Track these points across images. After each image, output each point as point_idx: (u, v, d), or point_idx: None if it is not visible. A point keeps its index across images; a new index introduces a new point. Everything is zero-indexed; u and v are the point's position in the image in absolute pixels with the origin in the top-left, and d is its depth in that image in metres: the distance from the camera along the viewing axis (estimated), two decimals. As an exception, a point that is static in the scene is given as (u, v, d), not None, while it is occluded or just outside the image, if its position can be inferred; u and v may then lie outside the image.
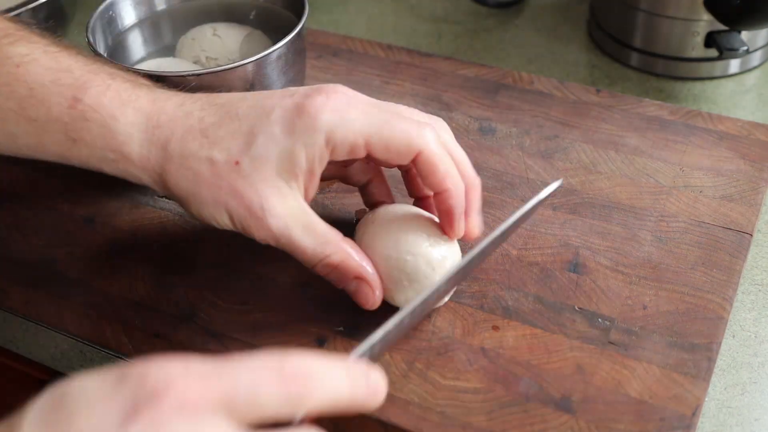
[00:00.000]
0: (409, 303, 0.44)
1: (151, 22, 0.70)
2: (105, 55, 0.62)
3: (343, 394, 0.35)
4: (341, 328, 0.51)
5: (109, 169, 0.49)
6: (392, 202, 0.54)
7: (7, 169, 0.65)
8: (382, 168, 0.54)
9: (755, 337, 0.53)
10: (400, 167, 0.51)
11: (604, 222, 0.57)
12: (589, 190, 0.59)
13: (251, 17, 0.70)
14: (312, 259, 0.47)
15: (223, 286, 0.54)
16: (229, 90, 0.57)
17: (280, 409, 0.33)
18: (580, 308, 0.51)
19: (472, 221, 0.50)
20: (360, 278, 0.48)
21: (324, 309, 0.52)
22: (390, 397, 0.47)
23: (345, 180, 0.54)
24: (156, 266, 0.56)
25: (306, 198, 0.48)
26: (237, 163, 0.46)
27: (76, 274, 0.56)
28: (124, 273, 0.56)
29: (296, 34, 0.61)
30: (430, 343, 0.50)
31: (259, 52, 0.59)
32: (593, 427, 0.45)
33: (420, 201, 0.53)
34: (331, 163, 0.48)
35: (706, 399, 0.49)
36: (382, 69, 0.72)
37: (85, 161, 0.49)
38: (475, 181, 0.50)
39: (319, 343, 0.50)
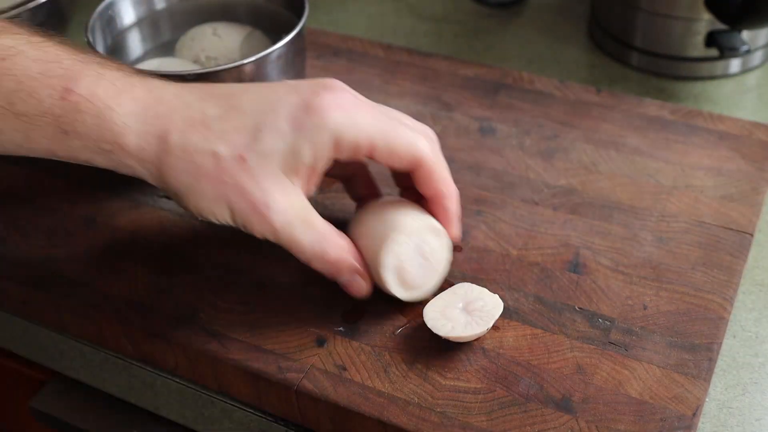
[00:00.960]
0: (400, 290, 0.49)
1: (150, 22, 0.70)
2: (105, 54, 0.62)
3: None
4: (341, 328, 0.51)
5: (101, 160, 0.48)
6: (378, 194, 0.55)
7: (7, 169, 0.65)
8: (365, 164, 0.55)
9: (756, 337, 0.53)
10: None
11: (604, 222, 0.57)
12: (589, 190, 0.59)
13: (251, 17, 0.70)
14: (310, 255, 0.48)
15: (223, 286, 0.54)
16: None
17: None
18: (580, 308, 0.51)
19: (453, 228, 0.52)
20: (354, 272, 0.49)
21: (324, 309, 0.52)
22: (390, 397, 0.47)
23: (328, 173, 0.53)
24: (156, 266, 0.56)
25: (306, 193, 0.48)
26: (242, 158, 0.46)
27: (76, 274, 0.56)
28: (124, 273, 0.55)
29: (296, 34, 0.61)
30: (430, 343, 0.50)
31: (259, 52, 0.59)
32: (593, 427, 0.45)
33: (407, 190, 0.54)
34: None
35: (707, 399, 0.49)
36: (382, 69, 0.72)
37: (76, 154, 0.47)
38: (456, 190, 0.52)
39: (319, 343, 0.50)
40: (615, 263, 0.54)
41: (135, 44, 0.69)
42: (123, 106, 0.46)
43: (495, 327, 0.50)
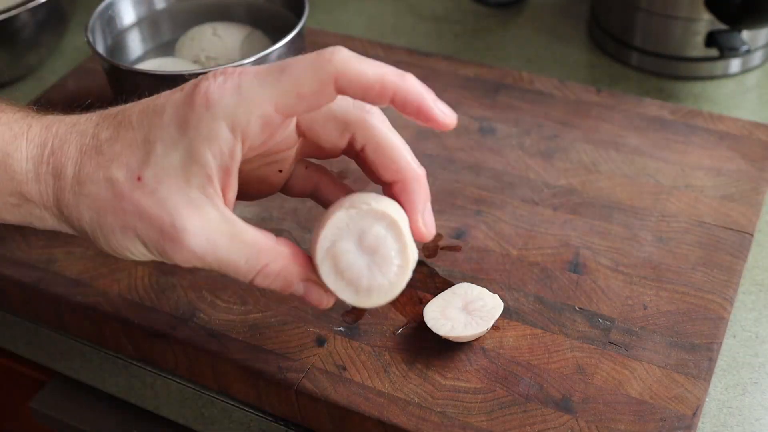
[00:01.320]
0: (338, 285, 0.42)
1: (150, 22, 0.70)
2: (104, 54, 0.62)
3: None
4: (341, 328, 0.51)
5: (12, 218, 0.44)
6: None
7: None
8: (327, 170, 0.49)
9: (756, 337, 0.53)
10: (347, 151, 0.46)
11: (604, 222, 0.57)
12: (589, 190, 0.59)
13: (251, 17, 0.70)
14: (248, 273, 0.41)
15: (223, 286, 0.54)
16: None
17: None
18: (580, 308, 0.51)
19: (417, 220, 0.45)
20: (306, 280, 0.43)
21: (324, 309, 0.52)
22: (390, 397, 0.47)
23: (286, 192, 0.49)
24: (156, 266, 0.56)
25: (227, 203, 0.41)
26: (139, 178, 0.40)
27: (76, 274, 0.56)
28: (124, 273, 0.55)
29: (296, 34, 0.61)
30: (430, 343, 0.50)
31: (259, 52, 0.59)
32: (593, 427, 0.45)
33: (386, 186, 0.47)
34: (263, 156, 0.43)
35: (707, 399, 0.49)
36: (382, 69, 0.72)
37: None
38: (422, 173, 0.45)
39: (319, 343, 0.50)
40: (615, 263, 0.54)
41: (135, 44, 0.69)
42: (20, 150, 0.42)
43: (495, 327, 0.50)
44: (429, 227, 0.45)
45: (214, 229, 0.40)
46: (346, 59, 0.39)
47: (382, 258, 0.42)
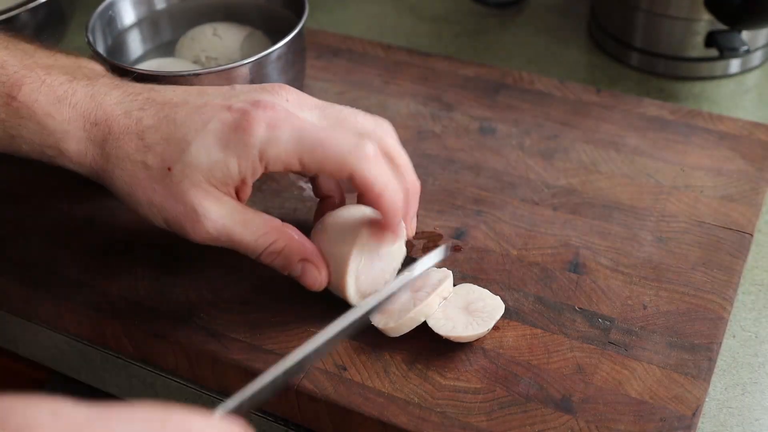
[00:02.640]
0: (359, 300, 0.49)
1: (150, 22, 0.70)
2: (104, 54, 0.62)
3: None
4: (341, 328, 0.51)
5: (50, 163, 0.50)
6: (342, 195, 0.54)
7: (7, 170, 0.65)
8: None
9: (756, 337, 0.53)
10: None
11: (604, 222, 0.57)
12: (589, 190, 0.59)
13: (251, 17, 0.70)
14: (256, 250, 0.48)
15: (223, 286, 0.54)
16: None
17: None
18: (580, 308, 0.51)
19: (406, 227, 0.51)
20: (305, 259, 0.49)
21: (324, 309, 0.52)
22: (390, 397, 0.47)
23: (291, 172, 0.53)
24: (156, 266, 0.56)
25: (240, 201, 0.49)
26: (169, 169, 0.47)
27: (76, 274, 0.56)
28: (124, 273, 0.55)
29: (296, 34, 0.61)
30: (430, 343, 0.50)
31: (259, 52, 0.59)
32: (593, 427, 0.45)
33: None
34: None
35: (707, 399, 0.49)
36: (382, 69, 0.72)
37: (27, 155, 0.50)
38: (416, 185, 0.50)
39: (319, 343, 0.50)
40: (615, 263, 0.54)
41: (135, 44, 0.69)
42: (62, 113, 0.48)
43: (495, 327, 0.50)
44: (408, 228, 0.52)
45: (228, 217, 0.47)
46: (365, 168, 0.46)
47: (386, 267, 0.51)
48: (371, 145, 0.47)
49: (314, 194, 0.55)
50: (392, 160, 0.49)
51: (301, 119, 0.48)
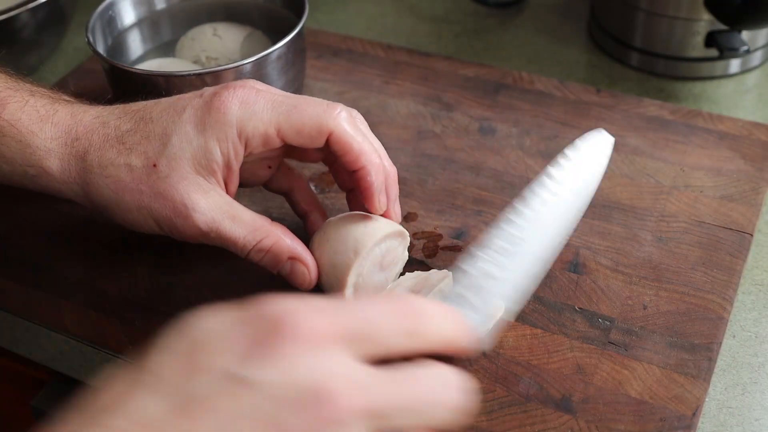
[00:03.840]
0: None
1: (150, 22, 0.70)
2: (105, 54, 0.62)
3: (449, 333, 0.35)
4: (341, 328, 0.51)
5: (31, 185, 0.51)
6: (320, 210, 0.55)
7: (7, 169, 0.65)
8: (304, 177, 0.55)
9: (756, 337, 0.53)
10: (324, 160, 0.52)
11: (604, 222, 0.57)
12: (589, 190, 0.59)
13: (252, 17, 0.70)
14: (245, 247, 0.48)
15: (223, 286, 0.54)
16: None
17: (399, 345, 0.33)
18: (580, 308, 0.51)
19: (390, 210, 0.51)
20: (293, 258, 0.49)
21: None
22: (390, 397, 0.47)
23: (267, 186, 0.54)
24: (156, 266, 0.56)
25: (229, 193, 0.49)
26: (155, 165, 0.48)
27: (76, 274, 0.56)
28: (124, 273, 0.55)
29: (296, 34, 0.61)
30: (430, 343, 0.50)
31: (259, 52, 0.59)
32: (593, 427, 0.45)
33: (352, 192, 0.53)
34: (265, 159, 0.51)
35: (707, 399, 0.49)
36: (382, 69, 0.72)
37: (8, 178, 0.51)
38: (392, 170, 0.50)
39: (319, 343, 0.50)
40: (615, 263, 0.54)
41: (135, 44, 0.69)
42: (45, 131, 0.49)
43: (495, 327, 0.50)
44: (392, 211, 0.51)
45: (217, 210, 0.48)
46: (343, 125, 0.48)
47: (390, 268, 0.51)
48: (345, 110, 0.48)
49: (294, 212, 0.55)
50: (368, 140, 0.49)
51: (272, 92, 0.49)
